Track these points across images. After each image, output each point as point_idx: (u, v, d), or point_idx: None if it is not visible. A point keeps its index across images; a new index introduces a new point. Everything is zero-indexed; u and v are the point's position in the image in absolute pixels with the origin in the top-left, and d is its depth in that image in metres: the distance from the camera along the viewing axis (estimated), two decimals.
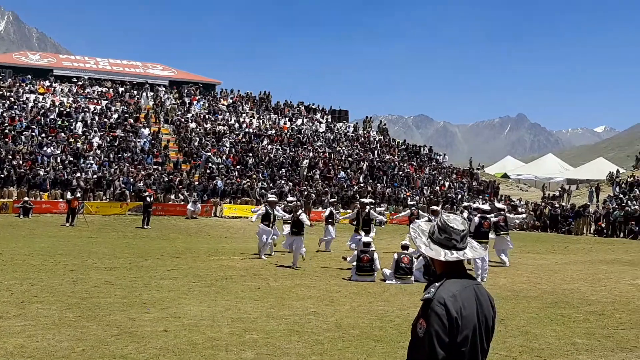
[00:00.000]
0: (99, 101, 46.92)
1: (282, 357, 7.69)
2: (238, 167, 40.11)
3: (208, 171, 38.07)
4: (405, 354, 7.67)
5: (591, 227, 36.69)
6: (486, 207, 17.76)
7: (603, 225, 35.77)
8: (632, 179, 48.30)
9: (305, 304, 11.25)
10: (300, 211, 18.23)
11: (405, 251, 14.82)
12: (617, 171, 56.42)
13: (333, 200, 28.04)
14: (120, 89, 50.28)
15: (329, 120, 55.81)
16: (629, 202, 39.35)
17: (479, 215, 16.35)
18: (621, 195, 43.39)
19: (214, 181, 36.45)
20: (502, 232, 18.99)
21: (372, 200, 20.35)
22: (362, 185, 41.52)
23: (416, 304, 11.64)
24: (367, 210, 19.31)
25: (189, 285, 12.89)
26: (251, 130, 47.10)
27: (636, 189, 44.55)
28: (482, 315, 3.26)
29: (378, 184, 42.57)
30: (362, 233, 18.16)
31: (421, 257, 14.85)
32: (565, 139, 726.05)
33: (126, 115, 44.68)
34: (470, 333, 3.14)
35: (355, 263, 14.73)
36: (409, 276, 14.37)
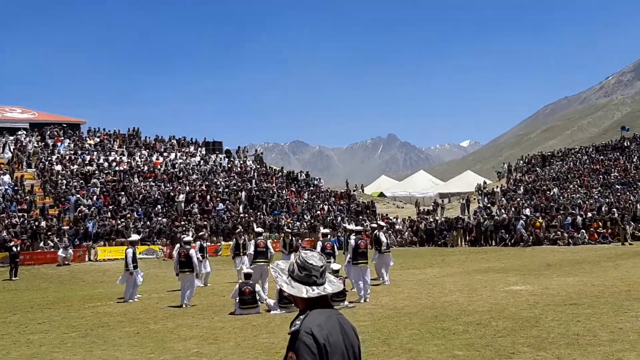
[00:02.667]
0: None
1: None
2: (110, 207, 38.63)
3: (78, 214, 36.40)
4: None
5: (465, 238, 38.35)
6: (358, 227, 18.13)
7: (475, 235, 37.49)
8: (498, 189, 51.13)
9: (187, 345, 10.91)
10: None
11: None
12: (484, 182, 59.59)
13: (202, 233, 27.38)
14: None
15: (203, 152, 55.14)
16: (497, 211, 41.53)
17: (354, 237, 16.61)
18: (489, 205, 45.77)
19: (85, 224, 34.90)
20: (385, 250, 19.42)
21: (327, 231, 20.00)
22: (242, 215, 41.20)
23: None
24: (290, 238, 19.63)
25: (62, 338, 12.17)
26: (122, 168, 45.63)
27: (503, 198, 47.16)
28: (349, 343, 3.34)
29: (258, 213, 42.43)
30: (245, 260, 18.04)
31: None
32: (434, 155, 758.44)
33: None
34: (339, 358, 3.22)
35: (237, 297, 14.49)
36: (292, 304, 14.28)
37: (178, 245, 20.33)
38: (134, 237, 20.14)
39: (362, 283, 15.50)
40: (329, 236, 20.27)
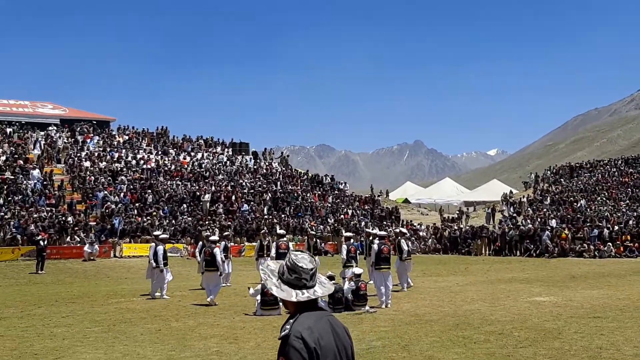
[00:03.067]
0: None
1: None
2: (137, 204, 39.03)
3: (105, 210, 36.84)
4: None
5: (490, 248, 38.04)
6: (382, 232, 18.12)
7: (500, 245, 37.17)
8: (524, 198, 50.66)
9: (208, 344, 10.97)
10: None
11: None
12: (511, 192, 59.04)
13: (227, 233, 27.54)
14: (8, 130, 48.05)
15: (230, 153, 55.44)
16: (522, 221, 41.13)
17: (377, 242, 16.57)
18: (515, 215, 45.34)
19: (112, 220, 35.29)
20: (407, 257, 19.37)
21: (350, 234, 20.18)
22: (266, 217, 41.35)
23: None
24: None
25: (85, 332, 12.31)
26: (149, 166, 46.07)
27: (529, 209, 46.70)
28: (341, 345, 3.29)
29: (282, 215, 42.54)
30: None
31: None
32: (461, 163, 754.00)
33: (15, 156, 42.67)
34: None
35: (259, 297, 14.54)
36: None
37: (201, 243, 20.52)
38: (164, 235, 20.48)
39: (384, 288, 15.45)
40: (352, 240, 20.27)
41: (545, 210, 44.81)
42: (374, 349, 10.27)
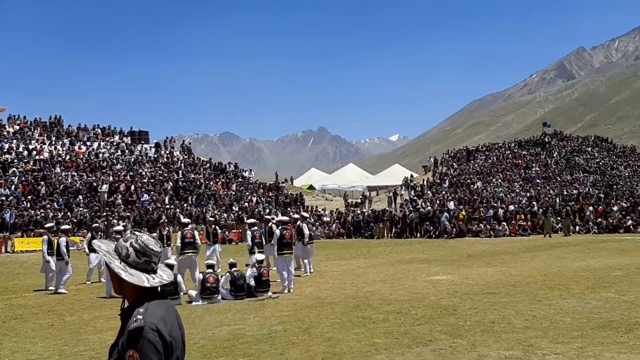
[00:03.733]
0: None
1: None
2: (29, 197, 37.32)
3: None
4: None
5: (391, 230, 38.91)
6: (284, 218, 18.13)
7: (401, 227, 38.09)
8: (424, 182, 52.09)
9: (103, 337, 10.62)
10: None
11: (210, 270, 14.62)
12: (412, 176, 60.52)
13: (123, 225, 26.81)
14: None
15: (129, 142, 53.92)
16: (422, 204, 42.31)
17: (280, 227, 16.57)
18: (415, 198, 46.57)
19: (3, 214, 33.59)
20: (308, 242, 19.48)
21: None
22: (167, 206, 40.54)
23: (223, 323, 11.49)
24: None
25: None
26: (42, 157, 44.08)
27: (428, 191, 48.08)
28: (183, 334, 3.14)
29: (184, 204, 41.84)
30: (169, 253, 17.91)
31: (227, 274, 14.75)
32: (364, 149, 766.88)
33: None
34: (180, 354, 3.03)
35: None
36: (215, 295, 14.17)
37: (90, 235, 20.11)
38: (67, 226, 19.83)
39: (287, 273, 15.47)
40: (256, 227, 20.17)
41: (443, 192, 46.27)
42: (275, 333, 10.25)
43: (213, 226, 20.79)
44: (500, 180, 48.25)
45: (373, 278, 17.37)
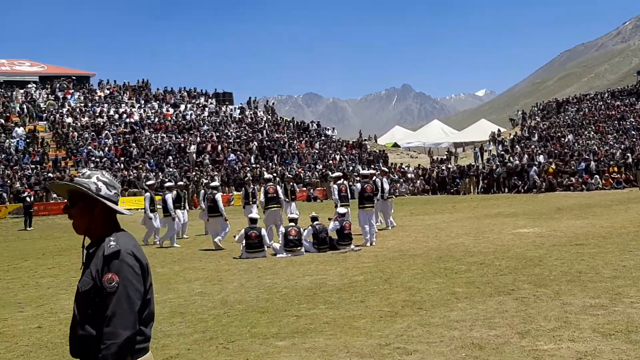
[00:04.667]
0: None
1: (163, 339, 7.49)
2: (122, 158, 38.90)
3: (91, 165, 36.70)
4: (290, 321, 7.66)
5: (478, 186, 38.26)
6: (366, 171, 18.08)
7: (487, 182, 37.37)
8: (512, 136, 50.74)
9: (191, 286, 11.06)
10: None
11: (292, 224, 14.88)
12: (499, 130, 59.03)
13: (206, 182, 27.46)
14: None
15: (214, 103, 55.05)
16: (510, 158, 41.29)
17: (361, 180, 16.60)
18: (503, 153, 45.44)
19: None
20: (388, 197, 19.45)
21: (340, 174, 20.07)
22: (253, 165, 41.34)
23: (305, 273, 11.72)
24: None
25: (70, 281, 12.36)
26: (132, 120, 45.71)
27: (517, 146, 46.82)
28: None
29: (269, 163, 42.53)
30: (253, 209, 18.27)
31: (310, 227, 14.97)
32: (449, 105, 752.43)
33: None
34: (151, 279, 3.09)
35: (244, 241, 14.61)
36: (298, 248, 14.44)
37: (203, 191, 20.66)
38: (170, 183, 21.16)
39: (368, 226, 15.55)
40: (342, 180, 19.95)
41: (532, 146, 44.94)
42: (356, 283, 10.39)
43: (291, 183, 21.08)
44: (592, 133, 46.37)
45: (457, 232, 17.20)
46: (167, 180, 29.80)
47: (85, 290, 2.96)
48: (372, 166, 43.87)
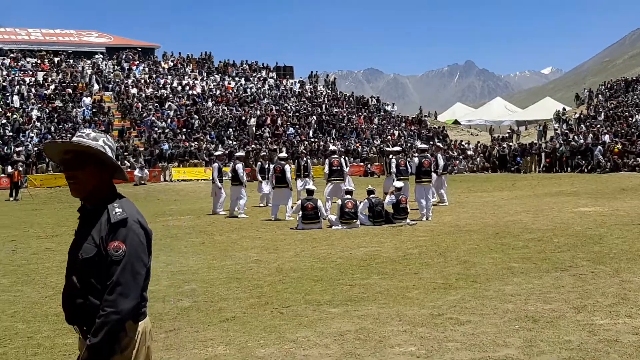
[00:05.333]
0: (35, 73, 45.49)
1: (219, 302, 7.69)
2: (184, 130, 39.61)
3: (154, 136, 37.54)
4: (343, 290, 7.75)
5: (540, 165, 37.46)
6: (423, 145, 17.91)
7: (550, 161, 36.55)
8: (577, 115, 49.34)
9: (248, 254, 11.28)
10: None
11: (349, 196, 14.94)
12: (564, 109, 57.39)
13: (264, 154, 27.83)
14: (56, 59, 48.82)
15: (275, 77, 55.32)
16: (575, 137, 40.21)
17: (417, 155, 16.49)
18: (567, 132, 44.25)
19: (160, 145, 35.97)
20: (442, 172, 19.28)
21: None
22: (312, 139, 41.50)
23: (360, 245, 11.79)
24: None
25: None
26: (195, 92, 46.40)
27: (582, 125, 45.53)
28: None
29: (327, 137, 42.61)
30: (308, 180, 18.45)
31: (365, 200, 15.01)
32: (513, 83, 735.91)
33: (64, 84, 43.51)
34: (151, 247, 3.04)
35: (300, 212, 14.77)
36: (354, 220, 14.51)
37: (259, 163, 21.24)
38: (241, 152, 21.69)
39: (425, 201, 15.50)
40: (400, 154, 19.76)
41: (598, 126, 43.63)
42: (410, 255, 10.40)
43: (305, 159, 21.27)
44: None
45: (515, 209, 16.97)
46: (237, 150, 30.35)
47: (88, 257, 2.86)
48: (431, 142, 43.49)
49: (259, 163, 22.36)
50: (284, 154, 20.30)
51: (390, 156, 18.68)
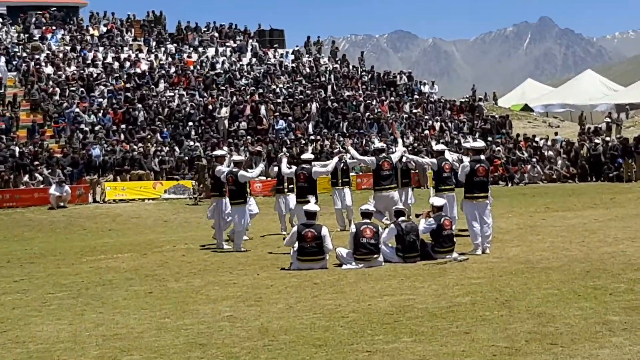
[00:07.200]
0: None
1: None
2: (123, 126, 39.61)
3: (79, 136, 37.51)
4: (359, 359, 7.75)
5: None
6: (479, 144, 17.75)
7: None
8: None
9: (218, 308, 11.29)
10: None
11: (367, 220, 14.94)
12: None
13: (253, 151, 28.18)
14: None
15: (257, 46, 55.46)
16: None
17: (470, 158, 16.41)
18: None
19: (89, 150, 35.96)
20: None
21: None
22: (312, 137, 41.49)
23: (384, 292, 11.80)
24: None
25: (45, 299, 12.83)
26: (139, 70, 46.51)
27: None
28: None
29: (336, 133, 42.61)
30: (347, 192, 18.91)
31: (392, 226, 15.02)
32: (611, 48, 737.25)
33: None
34: None
35: (296, 244, 14.76)
36: (375, 255, 14.50)
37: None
38: (239, 157, 21.99)
39: (480, 225, 15.48)
40: (446, 153, 19.76)
41: None
42: (459, 306, 10.40)
43: (344, 160, 21.36)
44: None
45: (615, 235, 17.05)
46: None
47: None
48: (489, 139, 43.50)
49: (275, 167, 22.73)
50: (309, 155, 20.71)
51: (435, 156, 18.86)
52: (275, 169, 21.98)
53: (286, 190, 21.28)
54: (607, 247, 15.30)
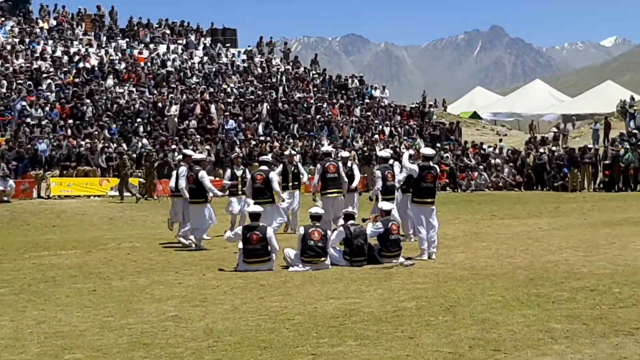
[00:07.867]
0: None
1: None
2: (70, 121, 39.26)
3: (25, 130, 37.11)
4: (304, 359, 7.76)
5: (596, 180, 37.98)
6: (429, 150, 17.74)
7: (610, 174, 37.04)
8: None
9: (162, 308, 11.24)
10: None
11: (316, 222, 14.95)
12: (632, 98, 58.01)
13: (236, 155, 28.15)
14: None
15: (209, 44, 55.31)
16: None
17: (419, 163, 16.45)
18: (637, 132, 44.74)
19: (35, 144, 35.58)
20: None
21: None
22: (262, 137, 41.49)
23: (330, 295, 11.83)
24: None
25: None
26: (88, 65, 46.14)
27: None
28: None
29: (286, 135, 42.66)
30: (250, 201, 18.65)
31: (341, 229, 15.05)
32: (560, 59, 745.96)
33: None
34: None
35: (241, 244, 14.73)
36: (322, 258, 14.52)
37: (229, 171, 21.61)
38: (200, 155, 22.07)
39: (426, 230, 15.58)
40: (390, 161, 19.73)
41: None
42: (404, 311, 10.46)
43: (294, 163, 21.38)
44: None
45: (559, 244, 17.28)
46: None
47: None
48: (437, 145, 43.77)
49: (228, 170, 22.49)
50: (328, 147, 21.14)
51: (375, 166, 18.98)
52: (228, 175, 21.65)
53: (240, 192, 21.03)
54: (551, 255, 15.50)
